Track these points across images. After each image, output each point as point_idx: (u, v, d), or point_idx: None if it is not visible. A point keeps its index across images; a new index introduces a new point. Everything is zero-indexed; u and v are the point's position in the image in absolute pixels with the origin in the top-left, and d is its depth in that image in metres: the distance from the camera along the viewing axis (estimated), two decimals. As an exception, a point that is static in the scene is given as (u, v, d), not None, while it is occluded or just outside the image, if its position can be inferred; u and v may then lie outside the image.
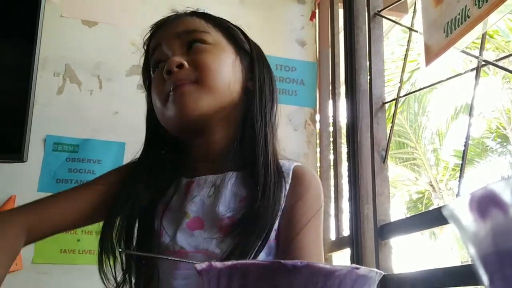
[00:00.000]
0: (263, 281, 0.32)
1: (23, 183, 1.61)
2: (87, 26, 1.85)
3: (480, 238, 0.13)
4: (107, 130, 1.76)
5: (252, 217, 0.68)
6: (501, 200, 0.12)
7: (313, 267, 0.32)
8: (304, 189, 0.75)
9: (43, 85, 1.69)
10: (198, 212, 0.72)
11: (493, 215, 0.12)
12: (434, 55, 1.04)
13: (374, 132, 1.55)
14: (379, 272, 0.36)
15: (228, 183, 0.74)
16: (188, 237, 0.71)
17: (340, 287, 0.33)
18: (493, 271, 0.13)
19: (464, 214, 0.13)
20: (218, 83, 0.74)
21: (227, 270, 0.32)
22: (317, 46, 2.06)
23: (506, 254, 0.12)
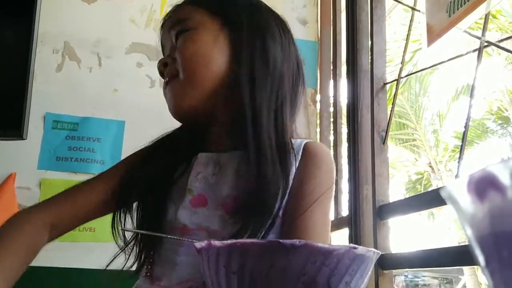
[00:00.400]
0: (262, 260, 0.32)
1: (23, 160, 1.61)
2: (86, 3, 1.83)
3: (478, 220, 0.13)
4: (107, 108, 1.76)
5: (255, 197, 0.67)
6: (499, 182, 0.12)
7: (312, 247, 0.32)
8: (314, 164, 0.73)
9: (42, 62, 1.68)
10: (201, 189, 0.72)
11: (491, 197, 0.12)
12: (436, 35, 1.03)
13: (374, 113, 1.55)
14: (377, 252, 0.36)
15: (232, 162, 0.73)
16: (191, 214, 0.70)
17: (338, 266, 0.33)
18: (489, 252, 0.13)
19: (462, 195, 0.13)
20: (195, 71, 0.74)
21: (226, 249, 0.33)
22: (319, 25, 2.04)
23: (502, 236, 0.12)
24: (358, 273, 0.34)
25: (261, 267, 0.32)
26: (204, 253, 0.34)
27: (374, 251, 0.36)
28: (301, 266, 0.32)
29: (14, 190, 1.56)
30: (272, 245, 0.32)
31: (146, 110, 1.76)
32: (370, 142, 1.55)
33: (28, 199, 1.59)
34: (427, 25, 1.08)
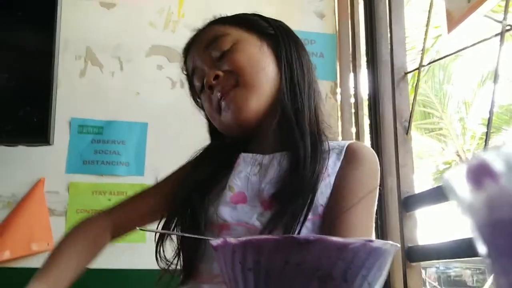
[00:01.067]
0: (276, 256, 0.32)
1: (51, 165, 1.65)
2: (106, 8, 1.86)
3: (476, 209, 0.13)
4: (130, 110, 1.78)
5: (288, 191, 0.70)
6: (493, 171, 0.12)
7: (326, 241, 0.32)
8: (357, 164, 0.74)
9: (65, 69, 1.72)
10: (242, 187, 0.75)
11: (487, 186, 0.12)
12: (456, 21, 1.01)
13: (396, 103, 1.53)
14: (395, 245, 0.36)
15: (275, 163, 0.75)
16: (231, 210, 0.73)
17: (354, 260, 0.33)
18: (488, 241, 0.13)
19: (461, 185, 0.13)
20: (254, 77, 0.77)
21: (241, 245, 0.33)
22: (336, 17, 2.02)
23: (498, 224, 0.12)
24: (376, 266, 0.34)
25: (276, 263, 0.32)
26: (220, 250, 0.34)
27: (392, 244, 0.36)
28: (316, 261, 0.32)
29: (43, 194, 1.60)
30: (286, 241, 0.32)
31: (168, 111, 1.78)
32: (394, 133, 1.53)
33: (57, 203, 1.63)
34: (447, 12, 1.06)
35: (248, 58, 0.78)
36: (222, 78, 0.77)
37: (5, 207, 1.59)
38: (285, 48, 0.82)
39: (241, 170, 0.77)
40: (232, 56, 0.78)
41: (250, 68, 0.77)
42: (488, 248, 0.13)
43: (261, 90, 0.77)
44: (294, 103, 0.77)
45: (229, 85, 0.77)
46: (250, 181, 0.75)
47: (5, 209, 1.58)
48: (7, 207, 1.59)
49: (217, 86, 0.78)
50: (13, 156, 1.61)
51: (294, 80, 0.79)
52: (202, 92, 0.83)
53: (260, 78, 0.77)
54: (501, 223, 0.12)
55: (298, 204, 0.68)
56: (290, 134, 0.75)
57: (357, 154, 0.75)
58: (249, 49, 0.79)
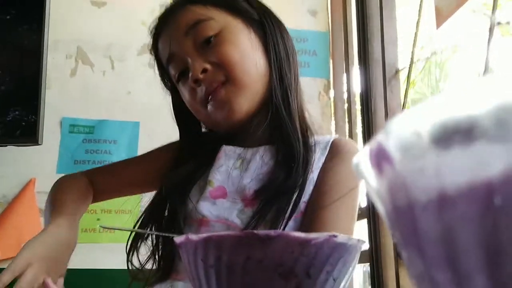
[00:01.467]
0: (238, 252, 0.31)
1: (42, 165, 1.65)
2: (97, 7, 1.85)
3: (382, 195, 0.12)
4: (121, 110, 1.78)
5: (273, 189, 0.68)
6: (387, 153, 0.11)
7: (288, 237, 0.31)
8: (340, 160, 0.72)
9: (56, 68, 1.71)
10: (222, 182, 0.73)
11: (386, 170, 0.11)
12: (445, 17, 1.00)
13: (388, 101, 1.52)
14: (361, 240, 0.35)
15: (257, 157, 0.73)
16: (210, 205, 0.71)
17: (317, 256, 0.32)
18: (394, 229, 0.12)
19: (367, 169, 0.12)
20: (246, 74, 0.72)
21: (203, 242, 0.32)
22: (329, 15, 2.01)
23: (399, 211, 0.11)
24: (340, 262, 0.33)
25: (237, 259, 0.31)
26: (183, 247, 0.34)
27: (359, 240, 0.35)
28: (277, 257, 0.31)
29: (34, 195, 1.60)
30: (247, 237, 0.31)
31: (160, 110, 1.76)
32: (383, 132, 1.52)
33: (48, 203, 1.62)
34: (435, 8, 1.05)
35: (240, 52, 0.72)
36: (210, 72, 0.71)
37: (-4, 208, 1.58)
38: (272, 38, 0.76)
39: (221, 164, 0.74)
40: (222, 48, 0.72)
41: (242, 64, 0.72)
42: (396, 237, 0.12)
43: (253, 89, 0.73)
44: (284, 99, 0.74)
45: (218, 81, 0.71)
46: (231, 176, 0.73)
47: (-4, 209, 1.58)
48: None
49: (204, 80, 0.72)
50: (3, 156, 1.60)
51: (283, 75, 0.75)
52: (180, 80, 0.77)
53: (253, 76, 0.72)
54: (400, 210, 0.11)
55: (282, 202, 0.67)
56: (283, 130, 0.72)
57: (341, 149, 0.73)
58: (239, 40, 0.73)
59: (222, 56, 0.72)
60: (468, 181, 0.09)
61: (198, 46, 0.73)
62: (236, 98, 0.71)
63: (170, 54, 0.76)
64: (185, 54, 0.74)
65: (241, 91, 0.72)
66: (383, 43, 1.56)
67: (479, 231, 0.09)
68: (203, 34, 0.73)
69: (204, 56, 0.72)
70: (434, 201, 0.10)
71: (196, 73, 0.71)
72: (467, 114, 0.09)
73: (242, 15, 0.76)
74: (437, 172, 0.10)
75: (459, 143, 0.10)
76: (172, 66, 0.77)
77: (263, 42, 0.76)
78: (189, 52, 0.73)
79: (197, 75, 0.71)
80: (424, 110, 0.10)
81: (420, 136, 0.10)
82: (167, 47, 0.76)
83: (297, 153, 0.70)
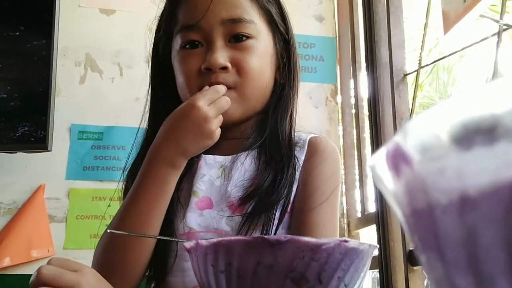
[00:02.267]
0: (248, 257, 0.31)
1: (51, 172, 1.65)
2: (105, 15, 1.87)
3: (399, 198, 0.12)
4: (130, 116, 1.78)
5: (261, 192, 0.68)
6: (406, 154, 0.11)
7: (298, 241, 0.31)
8: (320, 159, 0.72)
9: (65, 75, 1.72)
10: (206, 192, 0.72)
11: (404, 172, 0.11)
12: (452, 21, 1.00)
13: (396, 105, 1.51)
14: (373, 245, 0.35)
15: (238, 164, 0.72)
16: (197, 217, 0.70)
17: (329, 261, 0.32)
18: (413, 233, 0.12)
19: (384, 171, 0.12)
20: (255, 92, 0.73)
21: (213, 247, 0.32)
22: (336, 20, 2.01)
23: (418, 214, 0.11)
24: (352, 267, 0.33)
25: (247, 265, 0.31)
26: (193, 252, 0.33)
27: (370, 245, 0.35)
28: (288, 262, 0.31)
29: (44, 201, 1.60)
30: (257, 242, 0.31)
31: (168, 116, 1.77)
32: (394, 135, 1.52)
33: (57, 210, 1.63)
34: (443, 12, 1.05)
35: (261, 68, 0.73)
36: (227, 72, 0.71)
37: (6, 214, 1.59)
38: (291, 53, 0.77)
39: (204, 174, 0.73)
40: (248, 56, 0.71)
41: (257, 81, 0.72)
42: (414, 240, 0.12)
43: (252, 105, 0.74)
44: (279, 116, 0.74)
45: (227, 83, 0.71)
46: (214, 185, 0.72)
47: (5, 216, 1.58)
48: (8, 214, 1.59)
49: (217, 76, 0.70)
50: (13, 163, 1.61)
51: (292, 92, 0.76)
52: (185, 48, 0.74)
53: (259, 94, 0.73)
54: (419, 213, 0.11)
55: (271, 204, 0.67)
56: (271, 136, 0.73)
57: (319, 149, 0.73)
58: (265, 56, 0.74)
59: (245, 65, 0.71)
60: (491, 181, 0.09)
61: (227, 39, 0.72)
62: (233, 106, 0.71)
63: (194, 25, 0.72)
64: (212, 39, 0.72)
65: (241, 103, 0.72)
66: (391, 47, 1.55)
67: (503, 233, 0.09)
68: (238, 32, 0.72)
69: (229, 53, 0.71)
70: (455, 203, 0.10)
71: (215, 66, 0.70)
72: (489, 113, 0.09)
73: (273, 27, 0.77)
74: (458, 173, 0.10)
75: (481, 143, 0.09)
76: (186, 35, 0.74)
77: (278, 57, 0.77)
78: (217, 41, 0.71)
79: (216, 66, 0.70)
80: (443, 110, 0.10)
81: (440, 136, 0.10)
82: (193, 16, 0.73)
83: (284, 155, 0.70)
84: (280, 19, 0.78)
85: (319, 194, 0.69)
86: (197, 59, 0.72)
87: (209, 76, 0.71)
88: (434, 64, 2.93)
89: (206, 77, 0.71)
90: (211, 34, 0.72)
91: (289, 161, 0.70)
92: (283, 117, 0.74)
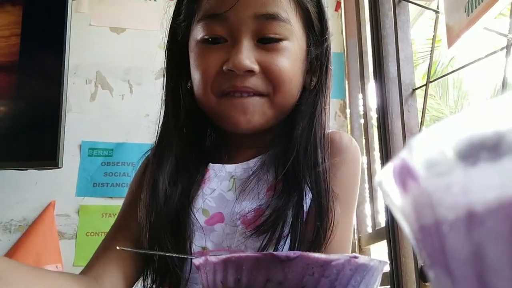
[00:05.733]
0: (257, 274, 0.31)
1: (61, 188, 1.67)
2: (115, 33, 1.90)
3: (406, 214, 0.12)
4: (140, 132, 1.80)
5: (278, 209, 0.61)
6: (412, 170, 0.11)
7: (308, 258, 0.31)
8: (341, 160, 0.65)
9: (76, 93, 1.75)
10: (217, 208, 0.66)
11: (411, 188, 0.11)
12: (456, 35, 1.00)
13: (405, 120, 1.51)
14: (383, 261, 0.35)
15: (250, 172, 0.66)
16: (208, 233, 0.64)
17: (339, 277, 0.32)
18: (421, 249, 0.12)
19: (391, 187, 0.12)
20: (288, 98, 0.66)
21: (222, 264, 0.32)
22: (344, 36, 2.03)
23: (425, 230, 0.11)
24: (362, 284, 0.33)
25: (257, 282, 0.31)
26: (202, 269, 0.33)
27: (380, 261, 0.34)
28: (298, 279, 0.31)
29: (53, 218, 1.61)
30: (266, 258, 0.31)
31: (177, 132, 1.79)
32: (403, 150, 1.51)
33: (67, 226, 1.64)
34: (447, 26, 1.05)
35: (294, 72, 0.65)
36: (255, 77, 0.63)
37: (16, 231, 1.60)
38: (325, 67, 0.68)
39: (214, 188, 0.66)
40: (281, 61, 0.63)
41: (286, 88, 0.64)
42: (423, 257, 0.12)
43: (283, 110, 0.67)
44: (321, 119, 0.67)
45: (256, 88, 0.63)
46: (226, 199, 0.65)
47: (16, 232, 1.60)
48: (18, 230, 1.60)
49: (242, 81, 0.62)
50: (24, 180, 1.62)
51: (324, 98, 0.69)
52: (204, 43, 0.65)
53: (291, 100, 0.66)
54: (427, 229, 0.11)
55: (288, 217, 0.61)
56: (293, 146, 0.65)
57: (339, 147, 0.67)
58: (298, 60, 0.65)
59: (276, 68, 0.63)
60: (497, 197, 0.09)
61: (258, 37, 0.63)
62: (263, 111, 0.64)
63: (220, 16, 0.63)
64: (239, 35, 0.63)
65: (274, 110, 0.65)
66: (399, 62, 1.56)
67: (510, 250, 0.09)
68: (271, 32, 0.63)
69: (258, 54, 0.63)
70: (462, 219, 0.10)
71: (240, 69, 0.61)
72: (493, 129, 0.09)
73: (309, 29, 0.68)
74: (464, 189, 0.10)
75: (486, 159, 0.09)
76: (209, 26, 0.65)
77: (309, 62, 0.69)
78: (245, 38, 0.63)
79: (241, 71, 0.62)
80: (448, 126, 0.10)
81: (445, 152, 0.10)
82: (221, 4, 0.63)
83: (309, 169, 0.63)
84: (317, 20, 0.69)
85: (340, 204, 0.63)
86: (219, 56, 0.64)
87: (232, 79, 0.63)
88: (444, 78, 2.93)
89: (228, 79, 0.63)
90: (239, 29, 0.62)
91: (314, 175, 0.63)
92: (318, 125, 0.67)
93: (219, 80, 0.64)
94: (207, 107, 0.67)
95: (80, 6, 1.84)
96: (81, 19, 1.83)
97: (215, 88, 0.65)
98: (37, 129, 1.45)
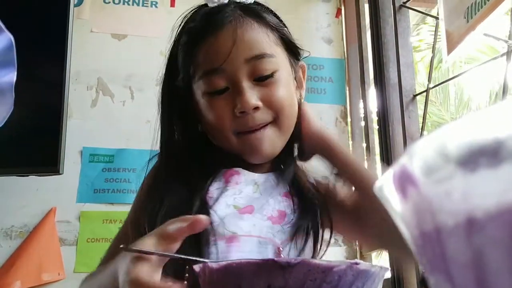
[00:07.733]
0: (258, 280, 0.31)
1: (62, 195, 1.67)
2: (117, 39, 1.90)
3: (407, 220, 0.12)
4: (141, 139, 1.80)
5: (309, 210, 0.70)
6: (412, 176, 0.11)
7: (309, 264, 0.31)
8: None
9: (77, 99, 1.75)
10: (247, 202, 0.71)
11: (411, 194, 0.11)
12: (455, 42, 1.00)
13: (406, 126, 1.51)
14: (384, 267, 0.35)
15: (272, 182, 0.74)
16: (238, 220, 0.68)
17: (340, 283, 0.32)
18: (421, 255, 0.12)
19: (391, 193, 0.12)
20: (291, 120, 0.74)
21: (222, 270, 0.32)
22: (345, 42, 2.03)
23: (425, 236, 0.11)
24: (364, 290, 0.33)
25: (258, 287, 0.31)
26: (202, 275, 0.33)
27: (382, 267, 0.34)
28: (300, 285, 0.31)
29: (54, 224, 1.61)
30: (267, 264, 0.31)
31: (178, 138, 1.79)
32: (404, 156, 1.51)
33: (68, 233, 1.63)
34: (446, 33, 1.05)
35: (290, 96, 0.74)
36: (261, 111, 0.70)
37: (17, 237, 1.60)
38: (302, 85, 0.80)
39: (241, 190, 0.72)
40: (277, 90, 0.71)
41: (290, 109, 0.73)
42: (423, 262, 0.12)
43: (290, 131, 0.75)
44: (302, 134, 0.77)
45: (265, 121, 0.71)
46: (253, 197, 0.72)
47: (17, 239, 1.59)
48: (19, 237, 1.60)
49: (252, 118, 0.70)
50: (25, 186, 1.62)
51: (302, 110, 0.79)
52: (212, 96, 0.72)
53: (293, 120, 0.75)
54: (427, 235, 0.11)
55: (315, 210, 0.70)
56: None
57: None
58: (290, 83, 0.75)
59: (276, 99, 0.71)
60: (497, 204, 0.09)
61: (253, 78, 0.71)
62: (278, 140, 0.73)
63: (218, 69, 0.70)
64: (238, 80, 0.70)
65: (283, 134, 0.73)
66: (399, 68, 1.56)
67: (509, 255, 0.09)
68: (263, 70, 0.71)
69: (258, 91, 0.71)
70: (462, 225, 0.10)
71: (248, 108, 0.69)
72: (492, 136, 0.09)
73: (292, 56, 0.77)
74: (464, 195, 0.10)
75: (485, 165, 0.09)
76: (210, 80, 0.71)
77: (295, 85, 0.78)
78: (243, 81, 0.70)
79: (249, 110, 0.69)
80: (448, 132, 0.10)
81: (445, 158, 0.10)
82: (216, 59, 0.70)
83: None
84: (290, 38, 0.77)
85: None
86: (227, 103, 0.71)
87: (244, 119, 0.70)
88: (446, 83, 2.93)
89: (240, 120, 0.70)
90: (236, 75, 0.70)
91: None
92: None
93: (234, 123, 0.72)
94: (228, 147, 0.75)
95: (81, 12, 1.85)
96: (83, 26, 1.83)
97: (232, 129, 0.72)
98: (38, 135, 1.45)
